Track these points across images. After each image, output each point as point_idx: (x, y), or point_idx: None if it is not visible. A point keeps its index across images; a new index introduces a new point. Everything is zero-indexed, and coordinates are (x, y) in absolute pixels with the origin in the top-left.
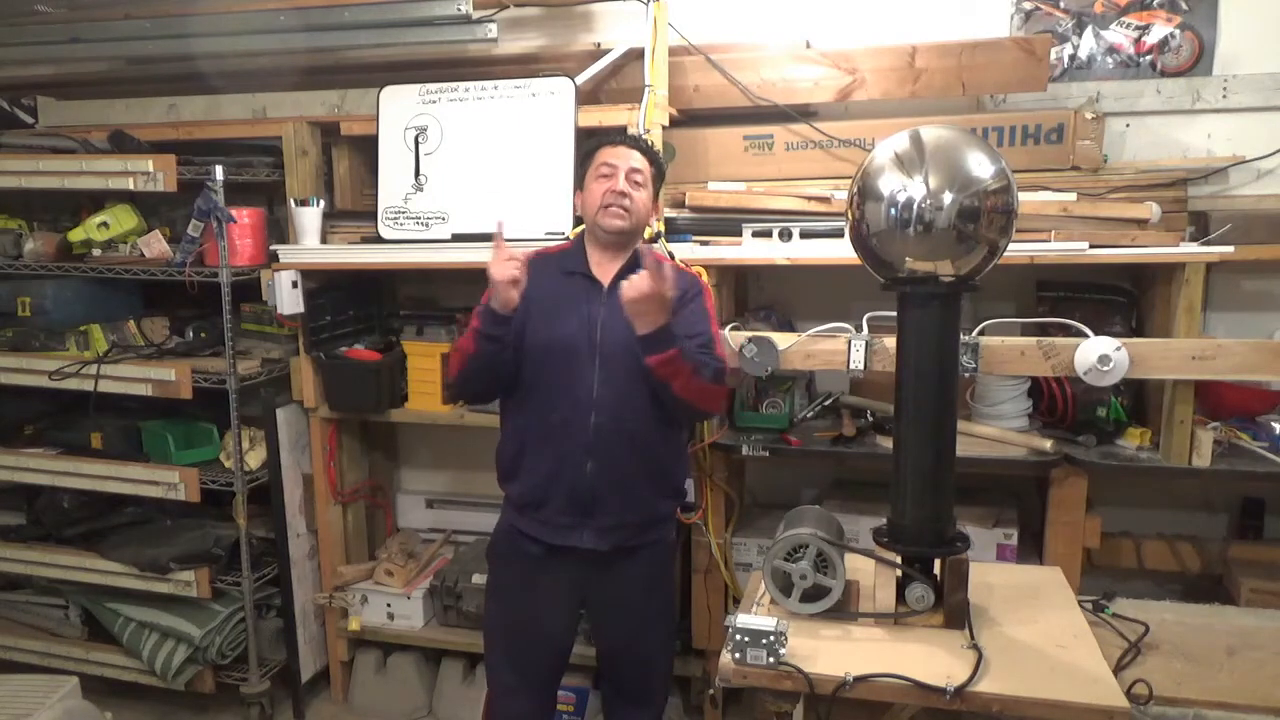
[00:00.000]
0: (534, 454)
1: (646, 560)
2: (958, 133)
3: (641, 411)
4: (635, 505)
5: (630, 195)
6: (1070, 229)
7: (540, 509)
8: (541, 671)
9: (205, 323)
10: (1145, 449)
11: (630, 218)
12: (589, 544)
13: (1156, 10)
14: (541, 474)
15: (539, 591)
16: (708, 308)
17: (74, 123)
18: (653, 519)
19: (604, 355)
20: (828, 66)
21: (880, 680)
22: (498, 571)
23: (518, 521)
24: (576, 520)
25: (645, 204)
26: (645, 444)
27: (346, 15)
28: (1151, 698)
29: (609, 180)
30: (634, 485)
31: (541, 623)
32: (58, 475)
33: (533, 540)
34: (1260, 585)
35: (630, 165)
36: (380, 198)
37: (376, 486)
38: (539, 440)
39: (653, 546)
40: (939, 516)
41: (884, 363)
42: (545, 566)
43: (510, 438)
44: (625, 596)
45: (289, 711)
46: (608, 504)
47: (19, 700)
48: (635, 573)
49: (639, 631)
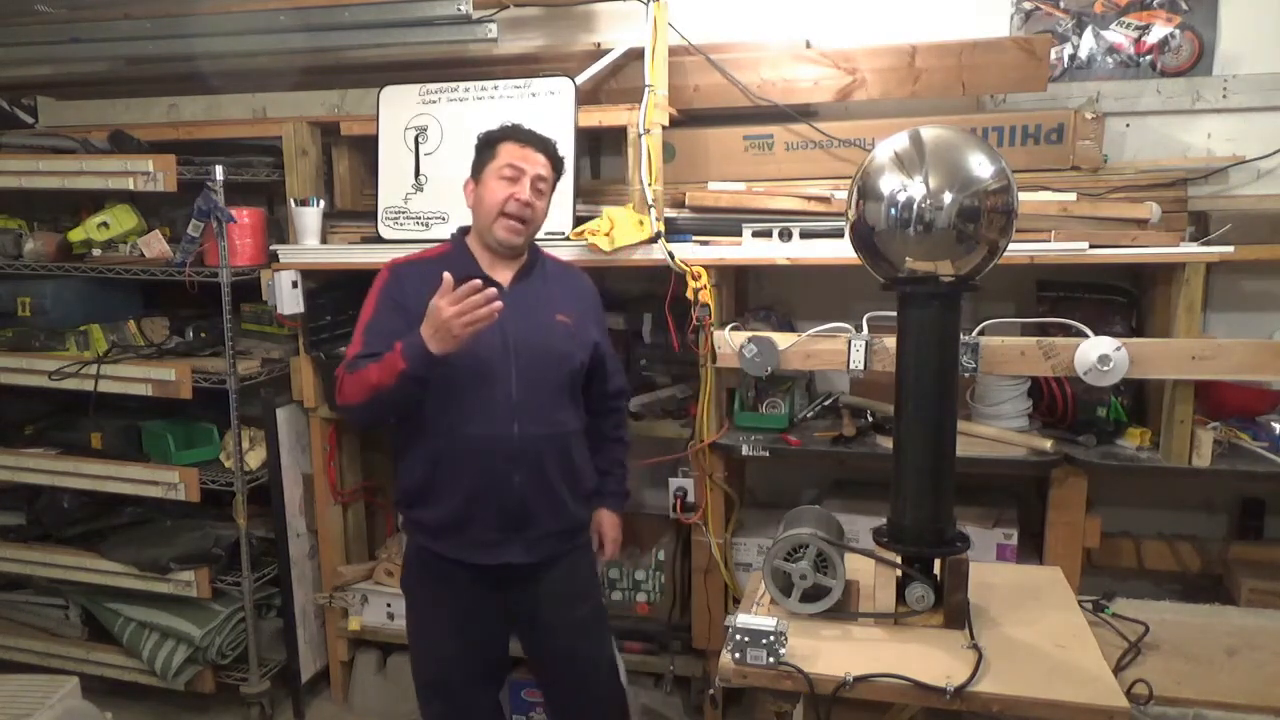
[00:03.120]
0: (451, 473)
1: (573, 567)
2: (958, 133)
3: (563, 416)
4: (560, 513)
5: (533, 205)
6: (1070, 229)
7: (464, 530)
8: (481, 696)
9: (205, 323)
10: (1145, 449)
11: (527, 230)
12: (519, 559)
13: (1156, 10)
14: (462, 494)
15: (468, 617)
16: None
17: (74, 123)
18: (576, 525)
19: (519, 359)
20: (828, 66)
21: (880, 680)
22: (416, 601)
23: (434, 546)
24: (506, 536)
25: (543, 213)
26: (565, 449)
27: (346, 15)
28: (1151, 698)
29: (513, 185)
30: (559, 492)
31: (476, 647)
32: (58, 475)
33: (454, 564)
34: (1260, 585)
35: (536, 172)
36: (380, 198)
37: (376, 486)
38: (456, 458)
39: (577, 551)
40: (939, 516)
41: (884, 363)
42: (470, 591)
43: (416, 459)
44: (558, 608)
45: (289, 711)
46: (537, 515)
47: (19, 700)
48: (564, 582)
49: (577, 641)
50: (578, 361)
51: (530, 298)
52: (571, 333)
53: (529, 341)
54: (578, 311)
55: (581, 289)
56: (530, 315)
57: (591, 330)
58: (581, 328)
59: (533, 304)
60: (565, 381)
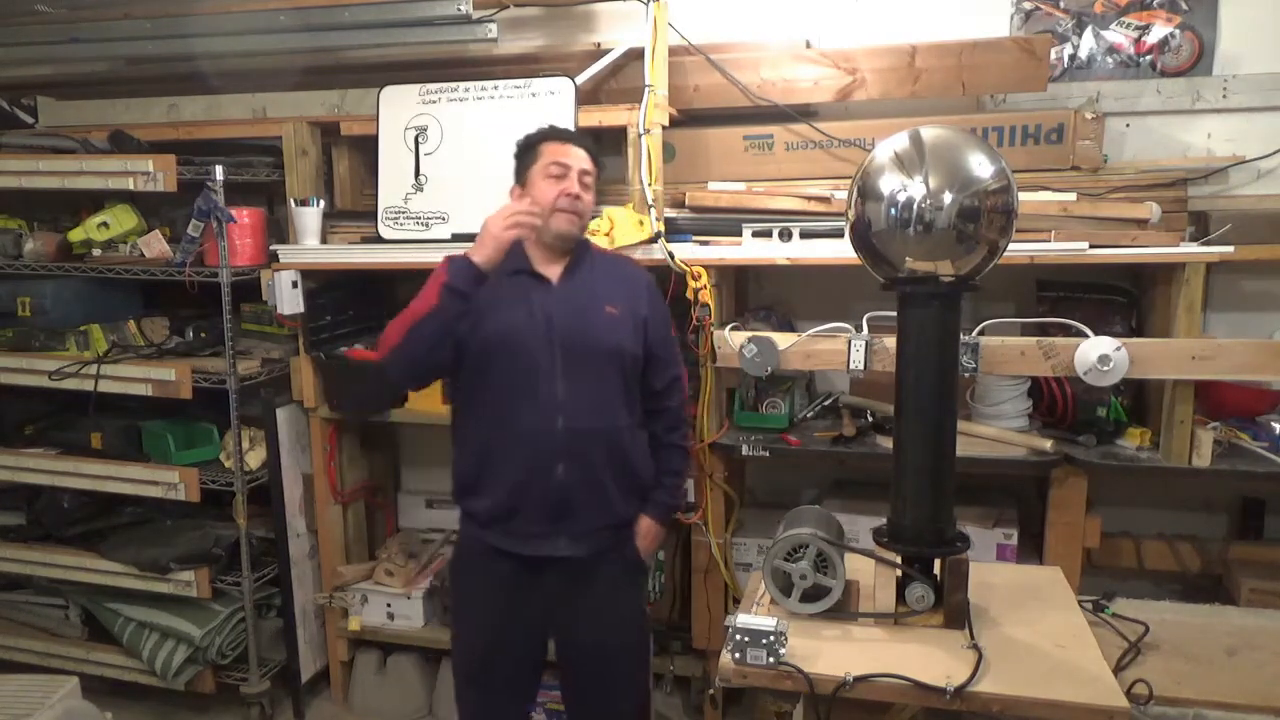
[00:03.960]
0: (499, 464)
1: (620, 565)
2: (958, 133)
3: (611, 410)
4: (610, 508)
5: (582, 197)
6: (1070, 229)
7: (510, 520)
8: (517, 694)
9: (205, 323)
10: (1145, 449)
11: (581, 222)
12: (565, 552)
13: (1156, 10)
14: (509, 484)
15: (512, 609)
16: (668, 315)
17: (74, 123)
18: (625, 521)
19: (566, 354)
20: (828, 66)
21: (880, 680)
22: (465, 591)
23: (485, 536)
24: (551, 528)
25: (591, 206)
26: (616, 443)
27: (346, 15)
28: (1151, 698)
29: (561, 181)
30: (606, 487)
31: (517, 642)
32: (58, 475)
33: (504, 555)
34: (1260, 585)
35: (581, 167)
36: (380, 198)
37: (376, 486)
38: (503, 449)
39: (625, 548)
40: (939, 516)
41: (884, 363)
42: (518, 581)
43: (468, 450)
44: (597, 604)
45: (289, 711)
46: (581, 509)
47: (19, 700)
48: (610, 579)
49: (610, 639)
50: (628, 354)
51: (578, 291)
52: (620, 323)
53: (575, 336)
54: (628, 301)
55: (632, 278)
56: (578, 309)
57: (643, 318)
58: (632, 316)
59: (580, 297)
60: (616, 375)
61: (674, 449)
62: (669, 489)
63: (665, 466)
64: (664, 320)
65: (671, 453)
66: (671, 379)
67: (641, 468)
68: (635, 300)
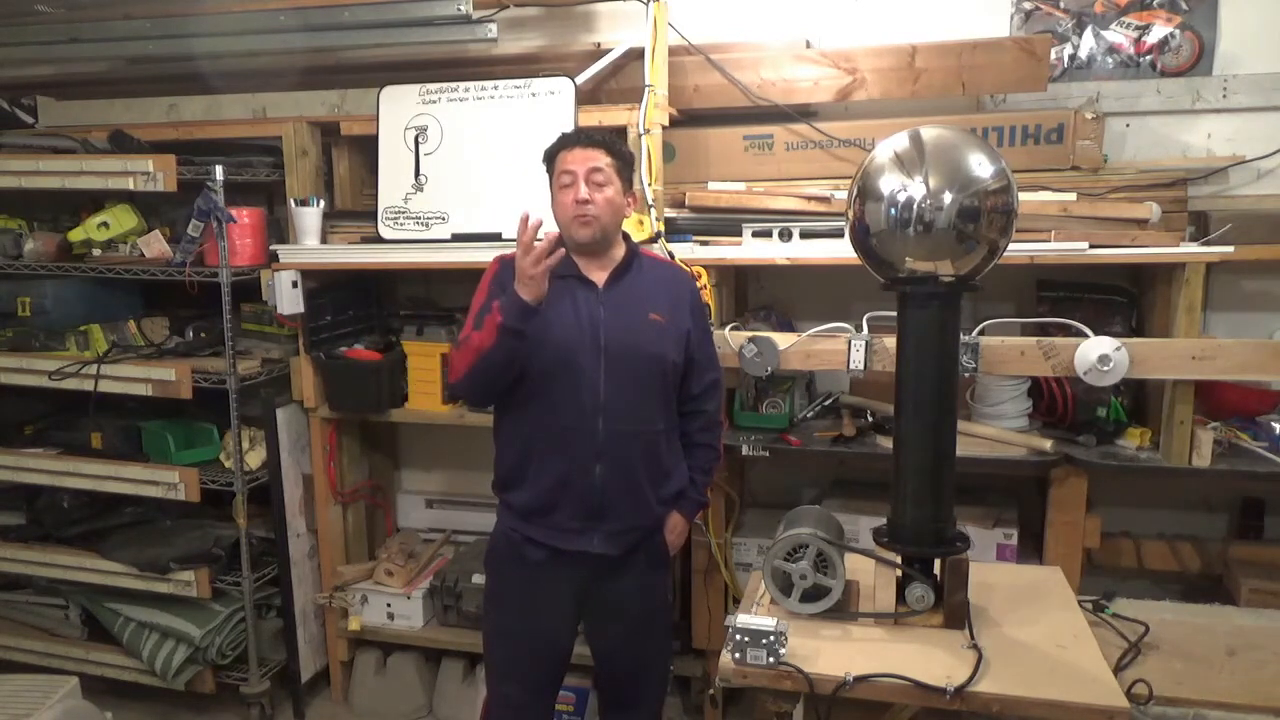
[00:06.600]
0: (540, 461)
1: (649, 564)
2: (958, 133)
3: (649, 415)
4: (643, 509)
5: (593, 200)
6: (1070, 229)
7: (549, 515)
8: (543, 680)
9: (205, 323)
10: (1145, 449)
11: (597, 224)
12: (599, 549)
13: (1156, 10)
14: (549, 481)
15: (542, 598)
16: (709, 319)
17: (74, 123)
18: (657, 524)
19: (610, 358)
20: (828, 66)
21: (880, 680)
22: (499, 578)
23: (522, 528)
24: (586, 525)
25: (612, 200)
26: (652, 447)
27: (346, 15)
28: (1151, 698)
29: (571, 190)
30: (642, 489)
31: (545, 630)
32: (58, 475)
33: (539, 545)
34: (1260, 585)
35: (589, 167)
36: (380, 198)
37: (376, 486)
38: (545, 447)
39: (654, 549)
40: (939, 516)
41: (884, 363)
42: (550, 572)
43: (512, 446)
44: (625, 601)
45: (289, 711)
46: (617, 508)
47: (19, 700)
48: (638, 577)
49: (637, 634)
50: (669, 361)
51: (625, 297)
52: (664, 332)
53: (620, 341)
54: (672, 309)
55: (679, 285)
56: (623, 315)
57: (685, 328)
58: (675, 326)
59: (627, 304)
60: (656, 381)
61: (707, 449)
62: (699, 486)
63: (697, 464)
64: (705, 326)
65: (700, 452)
66: (710, 383)
67: (676, 473)
68: (679, 307)
